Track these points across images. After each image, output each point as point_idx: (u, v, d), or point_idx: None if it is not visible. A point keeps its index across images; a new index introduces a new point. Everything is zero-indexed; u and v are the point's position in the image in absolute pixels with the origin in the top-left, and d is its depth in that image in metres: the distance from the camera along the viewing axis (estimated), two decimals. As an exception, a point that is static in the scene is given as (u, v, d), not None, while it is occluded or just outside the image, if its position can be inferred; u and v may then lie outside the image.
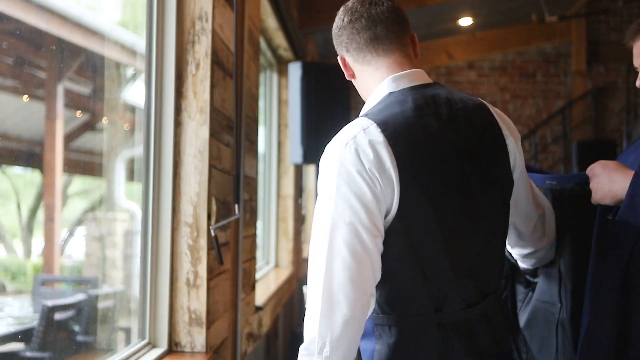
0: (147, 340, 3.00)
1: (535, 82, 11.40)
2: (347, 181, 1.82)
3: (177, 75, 3.06)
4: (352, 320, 1.78)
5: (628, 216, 2.01)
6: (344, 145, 1.84)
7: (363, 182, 1.81)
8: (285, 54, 6.53)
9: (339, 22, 2.10)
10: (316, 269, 1.82)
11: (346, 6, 2.09)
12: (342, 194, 1.81)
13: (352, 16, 2.05)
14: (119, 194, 7.32)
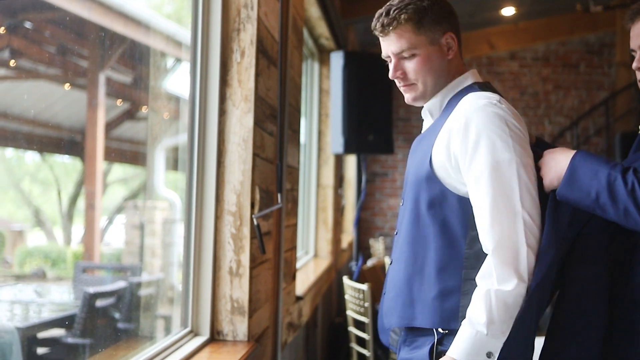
0: (190, 328, 3.00)
1: (578, 72, 11.25)
2: (512, 127, 2.02)
3: (222, 63, 3.05)
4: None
5: (565, 192, 2.01)
6: (495, 103, 2.05)
7: (520, 129, 2.05)
8: (327, 43, 6.50)
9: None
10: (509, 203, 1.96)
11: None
12: (515, 137, 2.01)
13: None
14: (158, 183, 7.35)
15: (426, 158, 2.11)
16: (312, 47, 6.51)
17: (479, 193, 1.99)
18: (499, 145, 1.99)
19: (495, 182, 1.97)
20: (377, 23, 2.16)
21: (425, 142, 2.18)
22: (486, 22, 10.45)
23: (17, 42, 6.93)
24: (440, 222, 2.10)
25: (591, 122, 11.11)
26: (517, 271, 1.92)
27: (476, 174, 1.99)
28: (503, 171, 1.98)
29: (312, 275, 5.59)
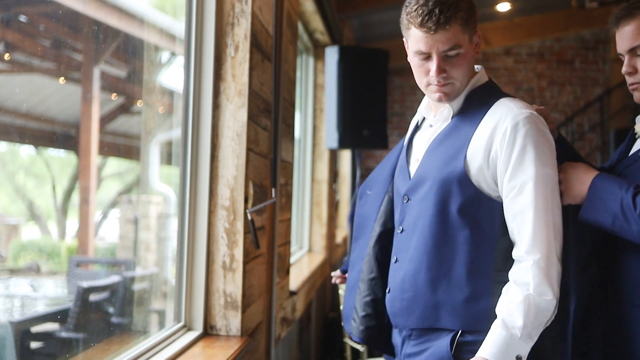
0: (183, 323, 2.99)
1: (573, 69, 11.25)
2: (551, 142, 2.12)
3: (216, 58, 3.04)
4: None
5: (587, 214, 2.12)
6: (537, 115, 2.12)
7: (553, 144, 2.13)
8: (322, 38, 6.49)
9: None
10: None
11: None
12: (553, 153, 2.11)
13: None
14: (153, 177, 7.34)
15: (458, 159, 2.12)
16: (307, 41, 6.51)
17: (523, 202, 2.04)
18: (544, 159, 2.06)
19: (540, 194, 2.04)
20: (429, 19, 2.07)
21: (452, 141, 2.17)
22: (481, 18, 10.43)
23: (11, 36, 6.91)
24: (472, 225, 2.12)
25: (586, 119, 11.12)
26: (553, 286, 2.02)
27: (521, 182, 2.05)
28: (546, 185, 2.05)
29: (306, 270, 5.59)
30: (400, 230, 2.27)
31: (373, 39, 9.42)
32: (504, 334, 2.01)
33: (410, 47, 2.17)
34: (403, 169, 2.33)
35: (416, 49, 2.13)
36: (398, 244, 2.29)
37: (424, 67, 2.15)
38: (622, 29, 2.24)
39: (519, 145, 2.05)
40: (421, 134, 2.34)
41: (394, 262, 2.29)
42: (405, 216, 2.25)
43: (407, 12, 2.14)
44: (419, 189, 2.20)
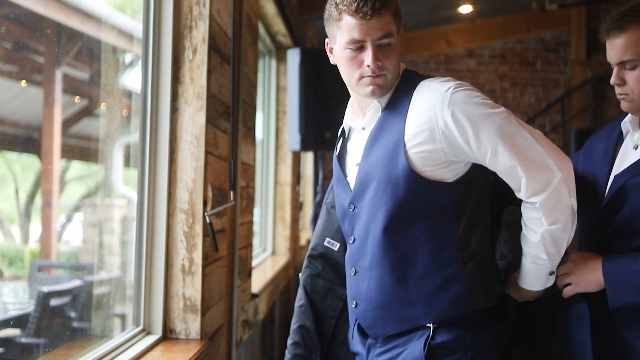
0: (142, 326, 2.98)
1: (534, 70, 11.38)
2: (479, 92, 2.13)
3: (174, 61, 3.04)
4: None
5: (616, 302, 2.17)
6: (455, 83, 2.10)
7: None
8: (284, 40, 6.50)
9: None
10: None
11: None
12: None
13: None
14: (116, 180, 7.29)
15: (398, 153, 2.08)
16: (270, 44, 6.51)
17: (503, 161, 2.06)
18: (487, 106, 2.05)
19: (513, 145, 2.05)
20: (365, 4, 2.06)
21: (386, 137, 2.14)
22: (444, 20, 10.53)
23: (-30, 39, 6.83)
24: (425, 214, 2.11)
25: (548, 119, 11.25)
26: (562, 211, 2.09)
27: (491, 146, 2.04)
28: (511, 129, 2.06)
29: (270, 273, 5.59)
30: (352, 241, 2.25)
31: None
32: (535, 267, 2.19)
33: (340, 39, 2.12)
34: (341, 181, 2.30)
35: (349, 39, 2.08)
36: (353, 256, 2.25)
37: (356, 59, 2.10)
38: (612, 40, 2.24)
39: (464, 121, 2.03)
40: (355, 140, 2.30)
41: (353, 274, 2.25)
42: (355, 225, 2.23)
43: (336, 3, 2.11)
44: (365, 193, 2.18)
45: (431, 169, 2.08)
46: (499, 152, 2.04)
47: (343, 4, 2.09)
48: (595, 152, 2.42)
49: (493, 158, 2.05)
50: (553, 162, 2.05)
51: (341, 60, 2.15)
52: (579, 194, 2.13)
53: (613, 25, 2.22)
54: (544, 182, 2.04)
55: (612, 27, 2.22)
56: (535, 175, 2.05)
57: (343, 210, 2.28)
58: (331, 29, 2.16)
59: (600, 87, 11.08)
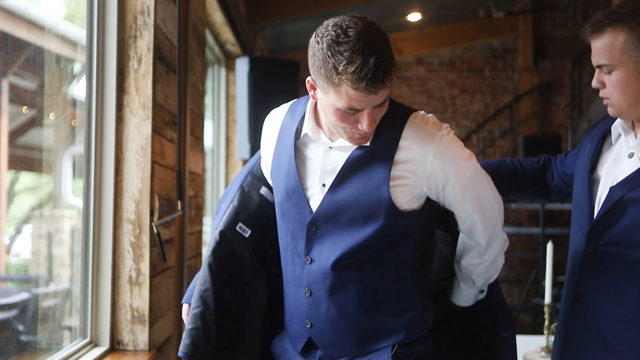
0: (89, 339, 2.96)
1: (483, 77, 11.51)
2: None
3: (119, 71, 3.02)
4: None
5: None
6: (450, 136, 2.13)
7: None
8: (233, 49, 6.50)
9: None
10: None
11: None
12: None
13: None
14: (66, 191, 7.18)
15: (382, 188, 2.05)
16: (219, 53, 6.50)
17: (467, 207, 2.17)
18: (468, 163, 2.13)
19: (477, 194, 2.17)
20: (374, 83, 1.90)
21: (370, 169, 2.07)
22: (393, 28, 10.60)
23: None
24: (393, 245, 2.12)
25: (496, 125, 11.38)
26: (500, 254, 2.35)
27: (462, 195, 2.13)
28: (480, 181, 2.18)
29: (221, 282, 5.56)
30: (308, 262, 2.16)
31: (286, 50, 9.47)
32: (466, 291, 2.36)
33: (335, 100, 1.95)
34: (296, 193, 2.18)
35: (347, 106, 1.94)
36: (308, 276, 2.17)
37: (350, 119, 1.98)
38: (593, 42, 2.20)
39: (450, 171, 2.07)
40: (316, 154, 2.16)
41: (307, 295, 2.19)
42: (313, 246, 2.15)
43: (337, 67, 1.89)
44: (334, 219, 2.11)
45: (408, 202, 2.09)
46: (466, 200, 2.13)
47: (346, 76, 1.88)
48: (584, 154, 2.41)
49: (460, 204, 2.15)
50: (501, 221, 2.24)
51: (330, 114, 2.00)
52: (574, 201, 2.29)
53: (591, 27, 2.19)
54: (494, 235, 2.24)
55: (590, 30, 2.19)
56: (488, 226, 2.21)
57: (295, 225, 2.19)
58: (322, 82, 1.96)
59: (547, 93, 11.26)
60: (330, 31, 1.92)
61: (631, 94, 2.16)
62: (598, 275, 2.24)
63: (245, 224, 2.35)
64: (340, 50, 1.88)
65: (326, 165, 2.13)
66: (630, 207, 2.15)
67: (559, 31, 11.23)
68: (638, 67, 2.13)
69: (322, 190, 2.13)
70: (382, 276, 2.14)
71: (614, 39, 2.13)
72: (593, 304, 2.25)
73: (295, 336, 2.29)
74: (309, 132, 2.14)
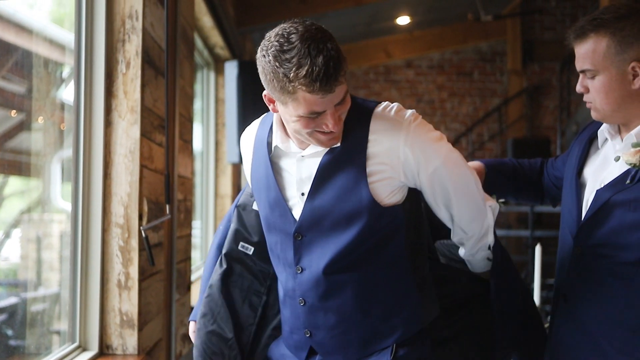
0: (78, 343, 2.96)
1: (472, 80, 11.54)
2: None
3: (107, 75, 3.03)
4: None
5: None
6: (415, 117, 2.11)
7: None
8: (222, 53, 6.49)
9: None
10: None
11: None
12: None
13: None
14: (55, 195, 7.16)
15: (361, 188, 2.05)
16: (208, 56, 6.50)
17: (443, 191, 2.16)
18: (439, 145, 2.12)
19: (453, 176, 2.16)
20: (327, 82, 1.88)
21: (345, 171, 2.07)
22: (382, 31, 10.62)
23: None
24: (383, 242, 2.12)
25: (485, 128, 11.41)
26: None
27: (438, 180, 2.13)
28: (455, 161, 2.16)
29: (210, 285, 5.55)
30: (299, 271, 2.16)
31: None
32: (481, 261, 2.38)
33: (293, 109, 1.94)
34: (279, 205, 2.18)
35: (308, 111, 1.93)
36: (302, 285, 2.17)
37: (313, 123, 1.97)
38: (576, 48, 2.22)
39: (421, 154, 2.07)
40: (290, 164, 2.16)
41: (302, 304, 2.19)
42: (302, 255, 2.15)
43: (287, 75, 1.88)
44: (317, 225, 2.11)
45: (389, 195, 2.09)
46: (443, 181, 2.12)
47: (299, 81, 1.87)
48: (573, 156, 2.43)
49: (436, 186, 2.13)
50: (482, 201, 2.23)
51: (293, 123, 1.99)
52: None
53: (574, 33, 2.21)
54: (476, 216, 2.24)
55: (573, 35, 2.21)
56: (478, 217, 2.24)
57: (282, 236, 2.19)
58: (278, 94, 1.94)
59: (535, 96, 11.30)
60: (273, 42, 1.91)
61: (614, 98, 2.18)
62: (585, 276, 2.26)
63: (246, 242, 2.38)
64: (287, 58, 1.87)
65: (301, 174, 2.13)
66: (616, 209, 2.16)
67: (547, 34, 11.28)
68: (621, 71, 2.15)
69: (302, 198, 2.13)
70: (375, 275, 2.13)
71: (596, 44, 2.16)
72: (580, 305, 2.27)
73: (298, 346, 2.28)
74: (279, 144, 2.13)
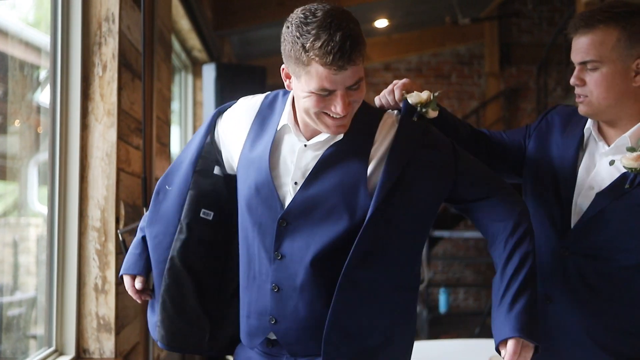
0: (54, 347, 2.94)
1: (450, 83, 11.59)
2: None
3: (84, 77, 3.01)
4: None
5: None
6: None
7: None
8: (200, 56, 6.49)
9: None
10: None
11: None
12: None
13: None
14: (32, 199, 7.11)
15: (358, 189, 2.06)
16: (186, 59, 6.49)
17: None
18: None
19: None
20: (341, 57, 1.90)
21: (343, 170, 2.08)
22: (360, 34, 10.63)
23: None
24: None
25: (463, 131, 11.45)
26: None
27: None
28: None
29: (189, 289, 5.54)
30: (278, 257, 2.12)
31: (253, 56, 9.46)
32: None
33: (306, 83, 1.96)
34: (266, 187, 2.15)
35: (319, 87, 1.94)
36: (277, 272, 2.13)
37: (323, 102, 1.98)
38: (578, 38, 2.19)
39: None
40: (290, 151, 2.15)
41: (274, 290, 2.14)
42: (284, 241, 2.12)
43: (305, 45, 1.91)
44: (307, 215, 2.09)
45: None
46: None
47: (314, 52, 1.90)
48: (552, 146, 2.38)
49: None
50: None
51: (302, 99, 2.00)
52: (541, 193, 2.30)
53: (581, 22, 2.17)
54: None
55: (580, 25, 2.17)
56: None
57: (264, 219, 2.15)
58: (294, 66, 1.98)
59: (513, 98, 11.37)
60: (299, 15, 1.95)
61: (614, 94, 2.16)
62: (571, 279, 2.24)
63: (207, 208, 2.31)
64: (308, 30, 1.91)
65: (300, 164, 2.12)
66: (616, 215, 2.16)
67: (525, 37, 11.35)
68: (625, 66, 2.14)
69: (294, 187, 2.11)
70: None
71: (606, 35, 2.13)
72: (566, 308, 2.26)
73: (254, 332, 2.23)
74: (290, 124, 2.12)
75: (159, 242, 2.30)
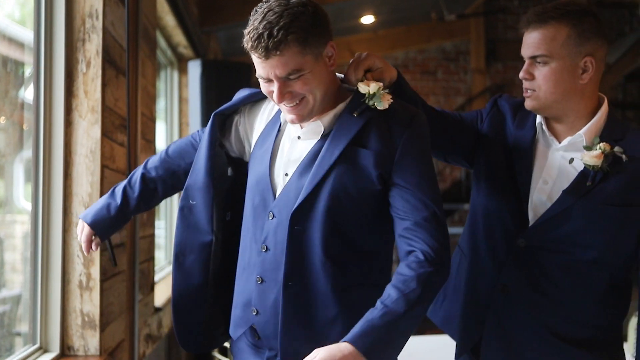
0: (39, 344, 2.93)
1: (436, 79, 11.61)
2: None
3: (67, 74, 3.00)
4: None
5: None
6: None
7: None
8: (186, 52, 6.47)
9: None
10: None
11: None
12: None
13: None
14: (17, 196, 7.08)
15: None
16: (171, 55, 6.47)
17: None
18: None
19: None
20: (259, 45, 1.95)
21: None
22: (347, 30, 10.63)
23: None
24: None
25: (450, 127, 11.48)
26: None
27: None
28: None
29: (175, 285, 5.52)
30: (264, 250, 2.14)
31: (240, 53, 9.43)
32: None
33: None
34: (263, 179, 2.18)
35: (257, 73, 2.03)
36: (262, 264, 2.15)
37: (269, 90, 2.04)
38: (530, 33, 2.24)
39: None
40: (285, 143, 2.19)
41: (259, 282, 2.16)
42: (269, 235, 2.13)
43: (246, 32, 2.00)
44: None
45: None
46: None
47: (247, 39, 1.99)
48: (506, 136, 2.41)
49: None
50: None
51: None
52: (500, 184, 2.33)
53: (534, 17, 2.22)
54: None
55: (532, 20, 2.23)
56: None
57: (259, 211, 2.18)
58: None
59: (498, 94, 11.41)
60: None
61: (562, 89, 2.23)
62: (529, 270, 2.28)
63: (229, 210, 2.41)
64: (251, 18, 2.00)
65: (291, 155, 2.15)
66: (580, 212, 2.20)
67: (510, 33, 11.38)
68: (574, 63, 2.20)
69: (285, 179, 2.14)
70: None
71: (557, 31, 2.19)
72: (524, 299, 2.29)
73: (237, 322, 2.27)
74: (286, 119, 2.15)
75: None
